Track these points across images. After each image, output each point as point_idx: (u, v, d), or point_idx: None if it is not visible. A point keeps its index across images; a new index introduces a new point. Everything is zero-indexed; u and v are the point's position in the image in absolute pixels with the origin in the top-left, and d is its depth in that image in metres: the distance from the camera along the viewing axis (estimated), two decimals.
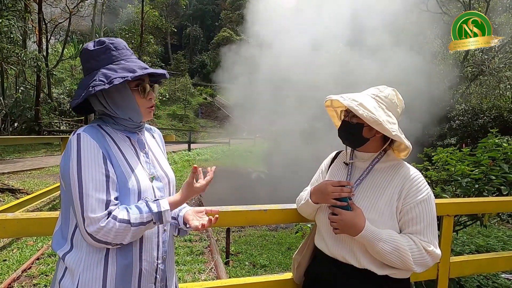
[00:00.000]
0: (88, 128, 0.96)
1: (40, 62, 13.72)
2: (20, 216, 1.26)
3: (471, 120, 10.14)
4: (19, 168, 8.51)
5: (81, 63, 1.02)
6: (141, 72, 0.95)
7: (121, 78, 0.92)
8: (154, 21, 26.33)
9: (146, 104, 1.02)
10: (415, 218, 1.09)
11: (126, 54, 1.01)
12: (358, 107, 1.09)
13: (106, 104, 1.00)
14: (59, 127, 16.92)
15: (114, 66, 0.96)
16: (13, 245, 3.74)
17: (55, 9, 19.56)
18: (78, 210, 0.87)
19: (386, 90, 1.18)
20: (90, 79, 0.96)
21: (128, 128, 1.04)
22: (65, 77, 20.60)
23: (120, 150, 0.98)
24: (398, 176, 1.14)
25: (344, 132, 1.22)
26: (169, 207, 0.94)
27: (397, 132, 1.10)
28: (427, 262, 1.08)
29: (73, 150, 0.89)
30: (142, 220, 0.90)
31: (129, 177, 0.96)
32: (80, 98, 0.94)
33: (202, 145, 17.46)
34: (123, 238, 0.89)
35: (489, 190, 2.63)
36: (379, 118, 1.07)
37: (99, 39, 1.02)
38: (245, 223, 1.64)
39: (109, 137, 0.98)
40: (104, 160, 0.92)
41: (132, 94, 1.00)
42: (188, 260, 3.61)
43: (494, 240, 4.49)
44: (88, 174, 0.88)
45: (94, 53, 0.98)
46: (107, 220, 0.86)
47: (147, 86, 1.02)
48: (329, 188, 1.12)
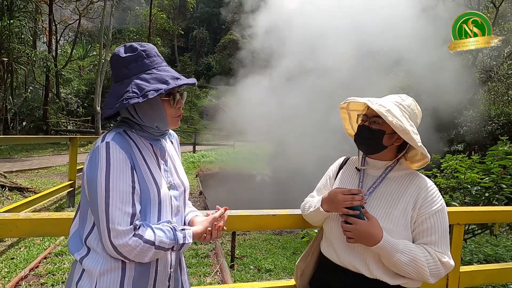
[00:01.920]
0: (116, 136, 0.95)
1: (49, 62, 13.95)
2: (33, 216, 1.27)
3: (479, 127, 10.03)
4: (27, 167, 8.62)
5: (112, 69, 1.00)
6: (174, 84, 0.94)
7: (155, 92, 0.91)
8: (162, 24, 26.56)
9: (174, 113, 1.02)
10: (430, 228, 1.08)
11: (157, 62, 0.99)
12: (387, 113, 1.06)
13: (135, 113, 0.99)
14: (66, 127, 17.13)
15: (146, 76, 0.95)
16: (21, 244, 3.78)
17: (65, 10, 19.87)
18: (103, 220, 0.87)
19: (408, 100, 1.16)
20: (123, 88, 0.94)
21: (153, 136, 1.03)
22: (73, 77, 20.87)
23: (144, 159, 0.98)
24: (413, 186, 1.13)
25: (362, 138, 1.19)
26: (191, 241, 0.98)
27: (421, 142, 1.08)
28: (441, 273, 1.07)
29: (102, 159, 0.89)
30: (165, 246, 0.92)
31: (151, 187, 0.96)
32: (114, 109, 0.94)
33: (207, 147, 17.50)
34: (143, 258, 0.90)
35: (500, 199, 2.60)
36: (407, 127, 1.05)
37: (130, 44, 0.99)
38: (253, 228, 1.63)
39: (134, 145, 0.98)
40: (132, 170, 0.92)
41: (162, 104, 0.98)
42: (194, 263, 3.60)
43: (503, 250, 4.41)
44: (116, 185, 0.88)
45: (126, 60, 0.96)
46: (134, 238, 0.87)
47: (177, 95, 1.00)
48: (339, 196, 1.10)
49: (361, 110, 1.25)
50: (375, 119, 1.13)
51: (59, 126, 16.73)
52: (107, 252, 0.90)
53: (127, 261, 0.91)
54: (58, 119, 16.79)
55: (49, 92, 15.65)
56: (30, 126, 15.19)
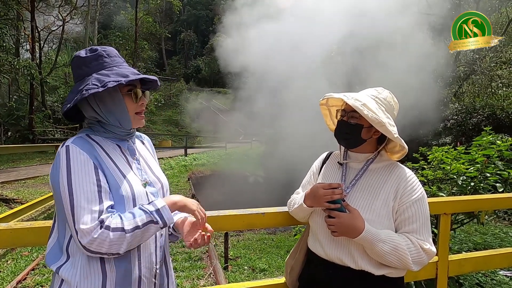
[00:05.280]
0: (77, 139, 0.95)
1: (33, 70, 13.62)
2: (14, 226, 1.23)
3: (465, 119, 10.24)
4: (13, 178, 8.40)
5: (72, 70, 1.02)
6: (134, 77, 0.96)
7: (114, 82, 0.93)
8: (148, 27, 26.33)
9: (136, 109, 1.02)
10: (411, 217, 1.10)
11: (118, 61, 1.01)
12: (362, 107, 1.08)
13: (98, 109, 0.99)
14: (53, 135, 16.76)
15: (106, 71, 0.97)
16: (8, 256, 3.67)
17: (48, 17, 19.48)
18: (71, 222, 0.87)
19: (384, 92, 1.18)
20: (82, 84, 0.95)
21: (119, 136, 1.03)
22: (59, 84, 20.49)
23: (111, 159, 0.98)
24: (393, 176, 1.15)
25: (341, 133, 1.21)
26: (166, 204, 0.93)
27: (398, 134, 1.10)
28: (423, 260, 1.09)
29: (62, 163, 0.89)
30: (137, 224, 0.88)
31: (122, 184, 0.95)
32: (73, 102, 0.93)
33: (198, 150, 17.40)
34: (118, 248, 0.87)
35: (485, 187, 2.65)
36: (383, 120, 1.07)
37: (91, 47, 1.02)
38: (243, 227, 1.63)
39: (98, 146, 0.97)
40: (96, 170, 0.91)
41: (124, 99, 1.00)
42: (187, 266, 3.57)
43: (491, 238, 4.52)
44: (79, 186, 0.87)
45: (87, 59, 0.98)
46: (100, 230, 0.85)
47: (139, 91, 1.02)
48: (320, 191, 1.11)
49: (340, 105, 1.26)
50: (353, 113, 1.15)
51: (46, 134, 16.36)
52: (86, 256, 0.88)
53: (106, 256, 0.88)
54: (45, 128, 16.42)
55: (34, 100, 15.29)
56: (16, 136, 14.82)
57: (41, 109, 16.79)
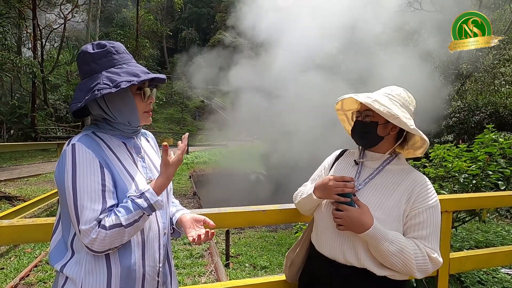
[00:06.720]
0: (83, 137, 0.94)
1: (35, 68, 13.66)
2: (16, 223, 1.24)
3: (467, 117, 10.17)
4: (16, 175, 8.44)
5: (79, 66, 0.99)
6: (145, 77, 0.94)
7: (127, 82, 0.91)
8: (150, 25, 26.30)
9: (145, 108, 1.02)
10: (422, 223, 1.07)
11: (127, 58, 0.99)
12: (374, 102, 1.08)
13: (106, 108, 0.98)
14: (55, 133, 16.83)
15: (116, 70, 0.95)
16: (11, 253, 3.70)
17: (49, 15, 19.51)
18: (74, 222, 0.87)
19: (398, 89, 1.18)
20: (92, 82, 0.93)
21: (125, 134, 1.02)
22: (61, 82, 20.53)
23: (117, 157, 0.97)
24: (408, 180, 1.13)
25: (357, 132, 1.20)
26: (157, 194, 0.92)
27: (415, 126, 1.09)
28: (429, 268, 1.06)
29: (68, 161, 0.88)
30: (135, 218, 0.89)
31: (128, 183, 0.95)
32: (84, 101, 0.91)
33: (200, 148, 17.43)
34: (120, 241, 0.89)
35: (487, 185, 2.64)
36: (396, 112, 1.06)
37: (99, 42, 0.99)
38: (244, 224, 1.63)
39: (104, 144, 0.97)
40: (101, 169, 0.91)
41: (134, 98, 0.99)
42: (188, 264, 3.59)
43: (493, 236, 4.50)
44: (84, 185, 0.87)
45: (95, 56, 0.95)
46: (98, 230, 0.85)
47: (148, 90, 1.01)
48: (332, 182, 1.09)
49: (355, 108, 1.25)
50: (367, 112, 1.15)
51: (48, 132, 16.43)
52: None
53: (110, 251, 0.90)
54: (47, 126, 16.49)
55: (36, 98, 15.35)
56: (18, 134, 14.89)
57: (43, 107, 16.86)
